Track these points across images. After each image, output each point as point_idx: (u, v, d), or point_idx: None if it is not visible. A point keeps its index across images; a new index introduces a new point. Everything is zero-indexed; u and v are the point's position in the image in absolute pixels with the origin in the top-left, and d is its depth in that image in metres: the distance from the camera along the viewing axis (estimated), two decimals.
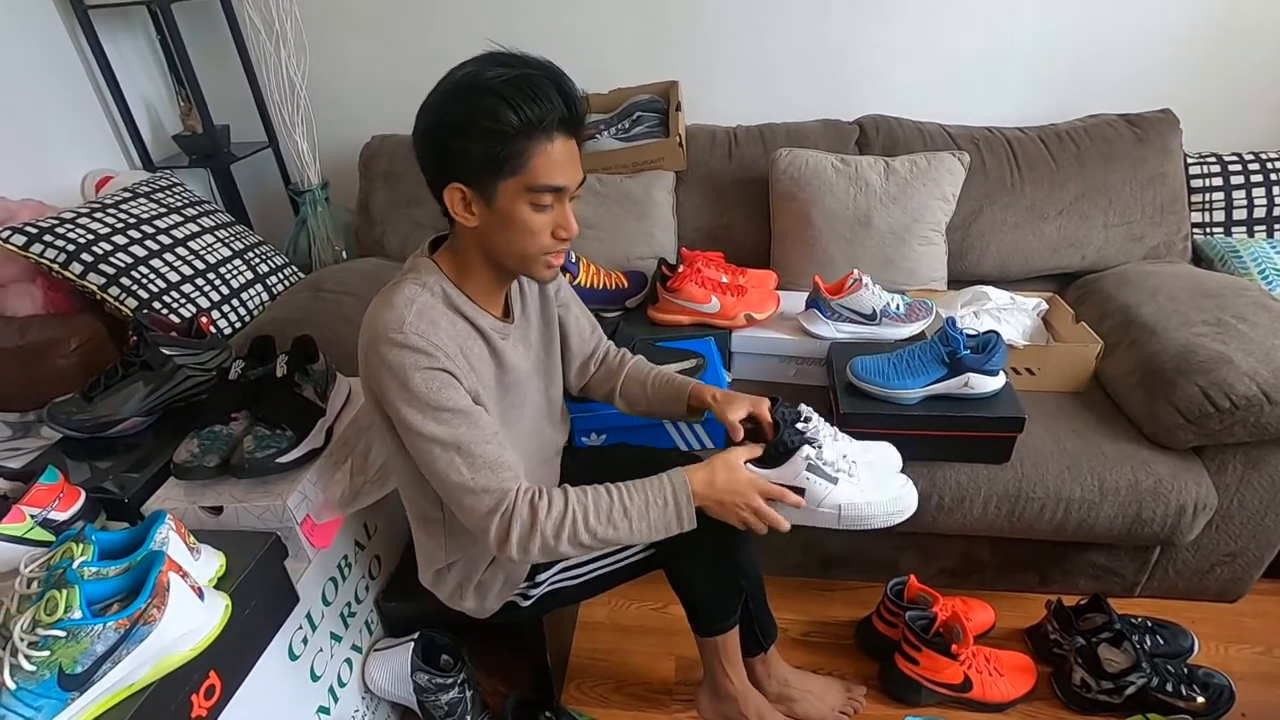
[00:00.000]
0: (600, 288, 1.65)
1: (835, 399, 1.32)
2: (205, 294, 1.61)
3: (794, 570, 1.54)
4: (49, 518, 0.89)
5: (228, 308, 1.65)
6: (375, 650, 1.23)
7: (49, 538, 0.88)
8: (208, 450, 1.04)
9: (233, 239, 1.76)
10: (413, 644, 1.19)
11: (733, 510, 0.93)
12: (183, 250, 1.63)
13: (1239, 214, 1.75)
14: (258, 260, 1.77)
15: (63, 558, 0.72)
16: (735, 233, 1.83)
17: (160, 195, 1.71)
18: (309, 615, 1.07)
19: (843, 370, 1.33)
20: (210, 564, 0.86)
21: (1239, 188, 1.74)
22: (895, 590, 1.39)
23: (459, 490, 0.87)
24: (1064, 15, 1.80)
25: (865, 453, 1.04)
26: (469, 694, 1.22)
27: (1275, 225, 1.73)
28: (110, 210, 1.59)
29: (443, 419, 0.85)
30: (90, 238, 1.50)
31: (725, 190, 1.83)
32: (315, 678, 1.09)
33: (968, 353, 1.24)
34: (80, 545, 0.73)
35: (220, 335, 1.58)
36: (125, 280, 1.50)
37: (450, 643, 1.24)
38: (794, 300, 1.58)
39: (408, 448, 0.89)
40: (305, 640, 1.06)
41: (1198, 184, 1.76)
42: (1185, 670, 1.27)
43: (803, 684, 1.27)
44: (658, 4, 1.88)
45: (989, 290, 1.57)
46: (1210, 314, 1.38)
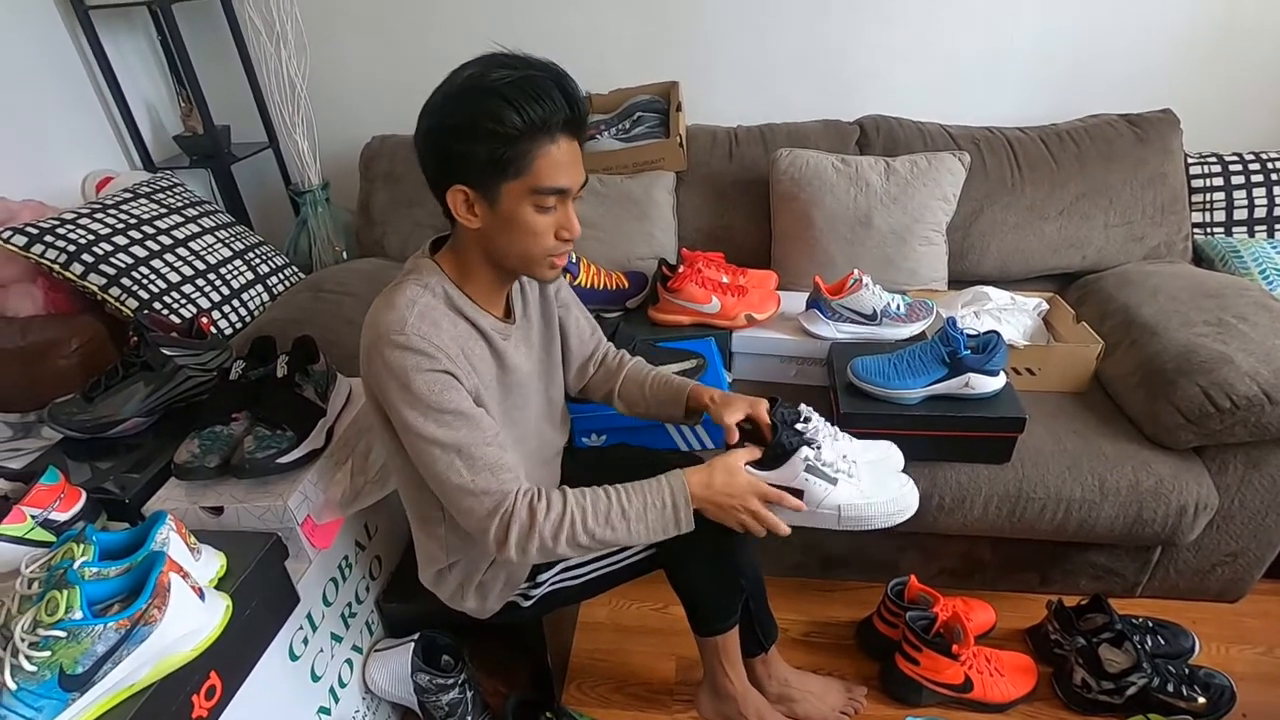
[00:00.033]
0: (600, 288, 1.65)
1: (836, 399, 1.32)
2: (206, 294, 1.61)
3: (794, 570, 1.54)
4: (50, 518, 0.89)
5: (228, 308, 1.65)
6: (376, 651, 1.23)
7: (50, 538, 0.88)
8: (208, 451, 1.04)
9: (233, 239, 1.76)
10: (413, 644, 1.19)
11: (731, 513, 0.93)
12: (183, 251, 1.63)
13: (1239, 214, 1.75)
14: (258, 261, 1.78)
15: (63, 558, 0.72)
16: (736, 233, 1.83)
17: (161, 196, 1.71)
18: (310, 616, 1.07)
19: (843, 370, 1.34)
20: (211, 564, 0.86)
21: (1239, 188, 1.74)
22: (896, 590, 1.39)
23: (458, 492, 0.87)
24: (1064, 15, 1.80)
25: (866, 452, 1.04)
26: (469, 694, 1.22)
27: (1276, 225, 1.73)
28: (111, 211, 1.59)
29: (444, 421, 0.84)
30: (91, 238, 1.50)
31: (726, 190, 1.83)
32: (316, 678, 1.09)
33: (968, 353, 1.24)
34: (81, 546, 0.73)
35: (221, 336, 1.58)
36: (126, 281, 1.50)
37: (451, 643, 1.24)
38: (794, 300, 1.58)
39: (407, 449, 0.89)
40: (306, 641, 1.06)
41: (1198, 184, 1.76)
42: (1186, 671, 1.26)
43: (803, 684, 1.27)
44: (658, 4, 1.88)
45: (989, 290, 1.57)
46: (1211, 314, 1.38)
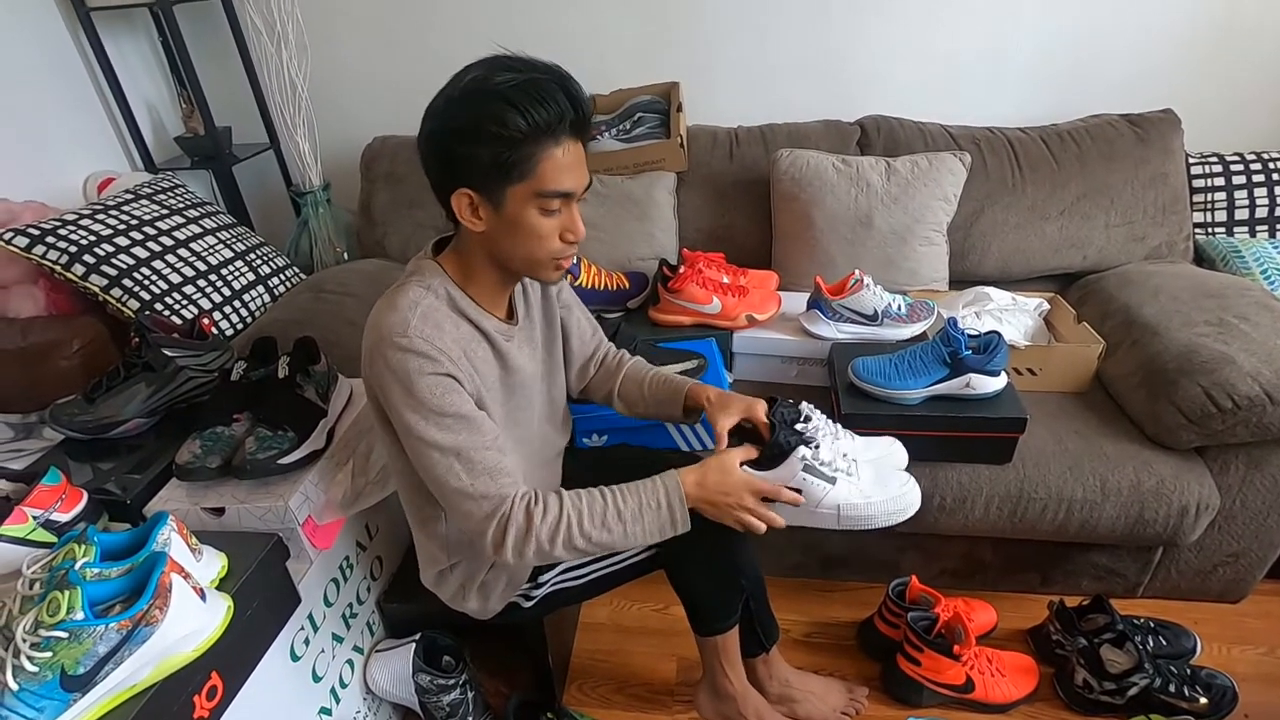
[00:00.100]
0: (601, 288, 1.65)
1: (837, 399, 1.32)
2: (207, 295, 1.62)
3: (795, 571, 1.54)
4: (51, 519, 0.89)
5: (229, 309, 1.65)
6: (377, 651, 1.23)
7: (51, 539, 0.88)
8: (209, 451, 1.04)
9: (234, 240, 1.76)
10: (414, 645, 1.19)
11: (726, 511, 0.93)
12: (185, 252, 1.63)
13: (1241, 214, 1.75)
14: (259, 261, 1.78)
15: (65, 559, 0.72)
16: (736, 233, 1.83)
17: (162, 197, 1.71)
18: (311, 616, 1.07)
19: (844, 371, 1.34)
20: (212, 565, 0.86)
21: (1240, 187, 1.74)
22: (897, 591, 1.38)
23: (457, 495, 0.87)
24: (1064, 15, 1.79)
25: (868, 450, 1.04)
26: (471, 695, 1.22)
27: (1277, 225, 1.73)
28: (112, 212, 1.59)
29: (445, 424, 0.84)
30: (92, 239, 1.50)
31: (726, 191, 1.83)
32: (317, 679, 1.09)
33: (969, 353, 1.24)
34: (82, 546, 0.73)
35: (222, 336, 1.58)
36: (127, 282, 1.50)
37: (452, 644, 1.24)
38: (795, 301, 1.58)
39: (407, 451, 0.89)
40: (307, 641, 1.06)
41: (1199, 184, 1.76)
42: (1188, 671, 1.26)
43: (804, 685, 1.27)
44: (658, 4, 1.88)
45: (990, 291, 1.57)
46: (1212, 314, 1.38)
